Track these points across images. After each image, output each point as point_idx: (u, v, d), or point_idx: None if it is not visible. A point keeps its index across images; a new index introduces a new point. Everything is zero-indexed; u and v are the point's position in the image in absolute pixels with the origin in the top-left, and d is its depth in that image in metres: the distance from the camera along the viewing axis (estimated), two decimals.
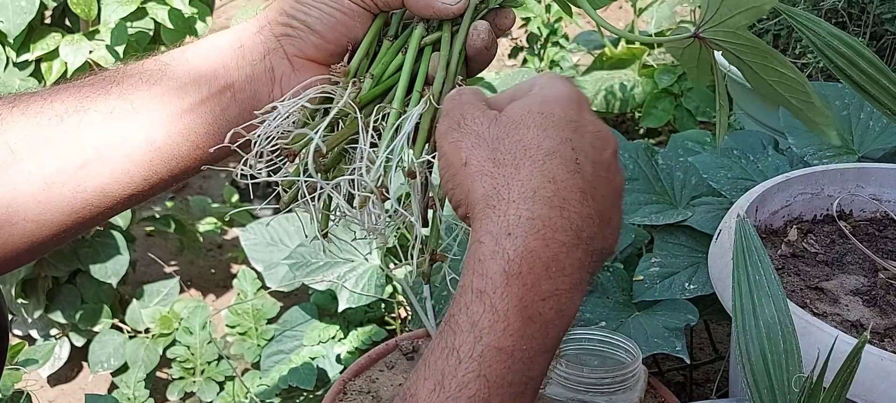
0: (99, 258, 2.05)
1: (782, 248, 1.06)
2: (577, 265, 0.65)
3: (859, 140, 1.32)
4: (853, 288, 0.98)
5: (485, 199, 0.65)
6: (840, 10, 1.71)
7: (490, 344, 0.61)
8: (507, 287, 0.62)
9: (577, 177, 0.66)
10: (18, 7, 1.91)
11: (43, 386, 2.14)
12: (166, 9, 1.98)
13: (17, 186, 0.77)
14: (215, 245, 2.60)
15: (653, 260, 1.23)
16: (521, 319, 0.62)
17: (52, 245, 0.82)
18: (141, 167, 0.80)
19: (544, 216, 0.64)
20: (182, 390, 1.95)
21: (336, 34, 0.81)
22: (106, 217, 0.83)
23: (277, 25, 0.82)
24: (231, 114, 0.82)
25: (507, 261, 0.63)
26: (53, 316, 2.09)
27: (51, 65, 2.00)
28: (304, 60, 0.82)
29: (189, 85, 0.81)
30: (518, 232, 0.63)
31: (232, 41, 0.83)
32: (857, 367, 0.65)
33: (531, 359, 0.63)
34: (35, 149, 0.78)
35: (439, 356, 0.62)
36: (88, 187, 0.79)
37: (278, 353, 1.84)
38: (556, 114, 0.69)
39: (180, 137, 0.81)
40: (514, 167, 0.66)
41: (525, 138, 0.67)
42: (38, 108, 0.79)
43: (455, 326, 0.63)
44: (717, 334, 1.52)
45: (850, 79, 0.86)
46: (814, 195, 1.13)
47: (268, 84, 0.82)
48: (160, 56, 0.83)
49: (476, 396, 0.61)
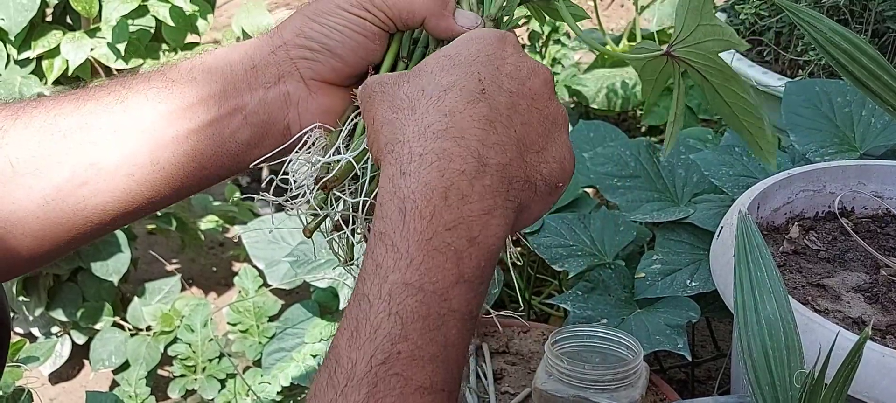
0: (100, 255, 2.05)
1: (784, 245, 1.05)
2: (486, 192, 0.64)
3: (861, 137, 1.32)
4: (855, 285, 0.98)
5: (386, 146, 0.66)
6: (842, 8, 1.71)
7: (396, 282, 0.61)
8: (405, 224, 0.62)
9: (479, 106, 0.66)
10: (20, 4, 1.91)
11: (44, 384, 2.14)
12: (168, 6, 1.99)
13: (17, 201, 0.76)
14: (217, 242, 2.60)
15: (654, 258, 1.23)
16: (425, 251, 0.62)
17: (50, 258, 0.81)
18: (144, 186, 0.78)
19: (437, 149, 0.64)
20: (183, 388, 1.95)
21: (357, 57, 0.80)
22: (105, 232, 0.82)
23: (295, 47, 0.80)
24: (242, 136, 0.80)
25: (402, 199, 0.63)
26: (55, 313, 2.09)
27: (52, 62, 2.00)
28: (320, 83, 0.80)
29: (197, 105, 0.78)
30: (410, 168, 0.64)
31: (244, 59, 0.80)
32: (859, 364, 0.65)
33: (446, 290, 0.62)
34: (37, 164, 0.76)
35: (353, 305, 0.62)
36: (89, 205, 0.77)
37: (280, 351, 1.84)
38: (461, 54, 0.69)
39: (186, 158, 0.79)
40: (410, 110, 0.67)
41: (424, 80, 0.68)
42: (41, 122, 0.77)
43: (363, 273, 0.63)
44: (718, 331, 1.52)
45: (852, 76, 0.86)
46: (815, 192, 1.13)
47: (283, 108, 0.80)
48: (166, 71, 0.80)
49: (391, 333, 0.60)
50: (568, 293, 1.22)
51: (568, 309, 1.19)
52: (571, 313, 1.18)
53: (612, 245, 1.30)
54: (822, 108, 1.35)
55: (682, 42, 0.77)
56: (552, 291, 1.64)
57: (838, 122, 1.34)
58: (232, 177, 0.83)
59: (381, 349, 0.60)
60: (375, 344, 0.60)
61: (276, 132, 0.81)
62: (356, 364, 0.60)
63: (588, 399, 0.93)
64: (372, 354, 0.60)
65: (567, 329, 1.00)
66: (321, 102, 0.80)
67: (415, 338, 0.61)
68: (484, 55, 0.69)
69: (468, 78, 0.67)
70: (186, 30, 2.10)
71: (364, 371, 0.60)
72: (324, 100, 0.80)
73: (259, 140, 0.80)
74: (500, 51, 0.70)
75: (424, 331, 0.61)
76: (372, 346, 0.60)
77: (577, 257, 1.28)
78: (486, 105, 0.66)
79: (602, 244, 1.31)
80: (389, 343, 0.60)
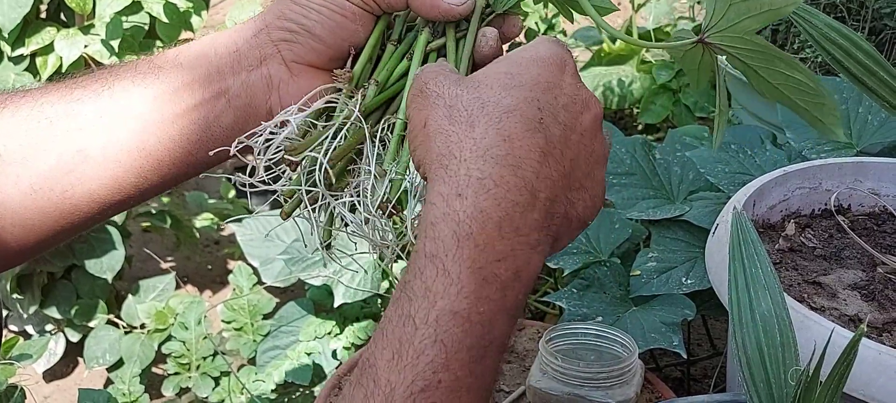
0: (94, 253, 2.04)
1: (780, 243, 1.05)
2: (535, 226, 0.64)
3: (858, 134, 1.32)
4: (851, 282, 0.98)
5: (439, 159, 0.64)
6: (839, 5, 1.70)
7: (444, 308, 0.60)
8: (459, 249, 0.61)
9: (537, 136, 0.65)
10: (14, 1, 1.90)
11: (38, 382, 2.14)
12: (161, 3, 1.98)
13: (5, 190, 0.76)
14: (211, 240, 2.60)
15: (650, 255, 1.22)
16: (476, 281, 0.61)
17: (40, 249, 0.80)
18: (131, 173, 0.78)
19: (495, 175, 0.62)
20: (177, 385, 1.95)
21: (337, 38, 0.79)
22: (95, 221, 0.81)
23: (275, 30, 0.79)
24: (226, 121, 0.79)
25: (457, 223, 0.61)
26: (49, 311, 2.09)
27: (46, 59, 1.99)
28: (302, 66, 0.80)
29: (182, 89, 0.78)
30: (468, 192, 0.62)
31: (228, 44, 0.80)
32: (854, 361, 0.64)
33: (490, 321, 0.61)
34: (24, 152, 0.76)
35: (396, 324, 0.61)
36: (77, 192, 0.77)
37: (274, 349, 1.84)
38: (524, 75, 0.67)
39: (172, 143, 0.78)
40: (468, 125, 0.64)
41: (484, 96, 0.66)
42: (28, 110, 0.77)
43: (410, 292, 0.61)
44: (714, 329, 1.52)
45: (848, 72, 0.85)
46: (812, 189, 1.13)
47: (265, 91, 0.80)
48: (153, 58, 0.80)
49: (434, 361, 0.59)
50: (563, 290, 1.22)
51: (563, 306, 1.19)
52: (566, 310, 1.18)
53: (607, 242, 1.30)
54: None
55: (714, 27, 0.74)
56: (547, 289, 1.64)
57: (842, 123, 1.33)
58: (218, 164, 0.82)
59: (422, 376, 0.59)
60: (417, 371, 0.59)
61: (258, 116, 0.79)
62: (395, 388, 0.59)
63: (583, 396, 0.93)
64: (412, 380, 0.59)
65: (562, 326, 1.00)
66: (302, 85, 0.79)
67: (456, 369, 0.60)
68: (544, 81, 0.67)
69: (528, 104, 0.65)
70: (180, 26, 2.09)
71: (402, 397, 0.59)
72: (305, 83, 0.79)
73: (242, 124, 0.79)
74: (559, 78, 0.69)
75: (466, 362, 0.61)
76: (413, 372, 0.59)
77: (572, 254, 1.28)
78: (542, 136, 0.65)
79: (597, 241, 1.30)
80: (431, 372, 0.59)
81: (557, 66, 0.69)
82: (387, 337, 0.61)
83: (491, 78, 0.67)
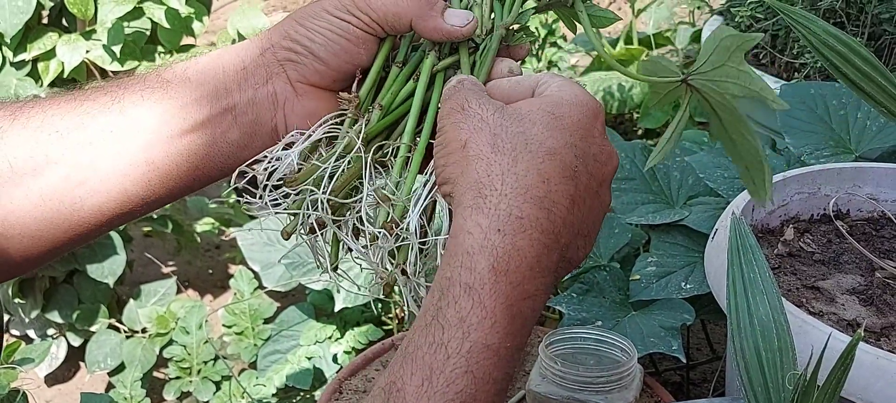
0: (96, 258, 2.04)
1: (779, 248, 1.05)
2: (552, 267, 0.66)
3: (856, 139, 1.32)
4: (850, 287, 0.98)
5: (476, 186, 0.65)
6: (838, 10, 1.71)
7: (478, 341, 0.62)
8: (495, 284, 0.63)
9: (570, 184, 0.67)
10: (15, 7, 1.90)
11: (40, 386, 2.14)
12: (163, 8, 1.98)
13: (15, 201, 0.76)
14: (213, 245, 2.60)
15: (649, 260, 1.23)
16: (508, 317, 0.63)
17: (44, 260, 0.81)
18: (139, 186, 0.79)
19: (533, 216, 0.64)
20: (178, 390, 1.95)
21: (340, 61, 0.80)
22: (101, 233, 0.82)
23: (281, 50, 0.80)
24: (232, 137, 0.80)
25: (495, 258, 0.63)
26: (50, 315, 2.09)
27: (47, 64, 2.00)
28: (307, 86, 0.81)
29: (190, 105, 0.79)
30: (508, 229, 0.64)
31: (235, 61, 0.81)
32: (851, 365, 0.65)
33: (513, 356, 0.64)
34: (34, 164, 0.76)
35: (427, 350, 0.62)
36: (85, 205, 0.78)
37: (275, 353, 1.84)
38: (566, 117, 0.69)
39: (180, 158, 0.79)
40: (512, 158, 0.66)
41: (529, 132, 0.67)
42: (38, 123, 0.77)
43: (443, 321, 0.63)
44: (714, 334, 1.52)
45: (846, 77, 0.86)
46: (810, 194, 1.13)
47: (270, 109, 0.81)
48: (162, 72, 0.81)
49: (463, 392, 0.61)
50: (563, 295, 1.22)
51: (563, 310, 1.19)
52: (566, 315, 1.18)
53: (607, 247, 1.30)
54: (817, 111, 1.35)
55: (702, 74, 0.76)
56: None
57: (833, 125, 1.34)
58: (223, 178, 0.84)
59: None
60: (446, 399, 0.61)
61: (263, 133, 0.81)
62: None
63: (582, 401, 0.93)
64: None
65: (561, 331, 1.00)
66: (307, 105, 0.81)
67: (482, 399, 0.62)
68: (583, 127, 0.69)
69: (567, 149, 0.67)
70: (182, 32, 2.09)
71: None
72: (310, 103, 0.81)
73: (248, 141, 0.81)
74: (594, 127, 0.70)
75: (492, 394, 0.63)
76: (443, 400, 0.61)
77: None
78: (574, 184, 0.67)
79: (597, 246, 1.31)
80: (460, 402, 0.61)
81: (594, 114, 0.71)
82: (416, 363, 0.62)
83: (535, 114, 0.68)
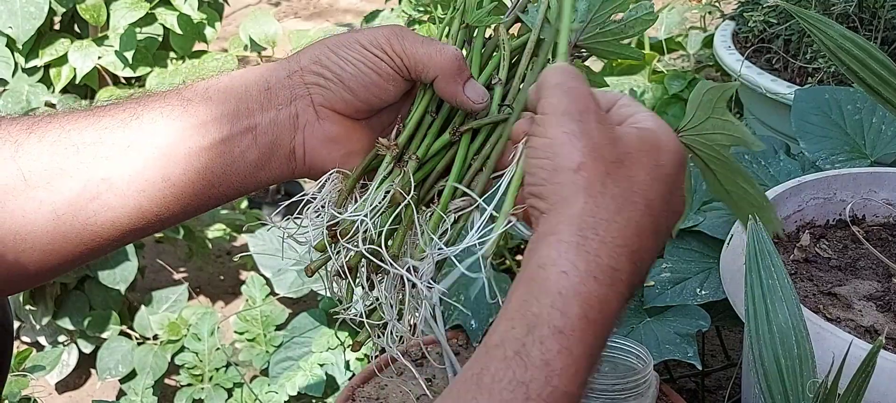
0: (107, 264, 2.04)
1: (795, 253, 1.05)
2: None
3: (872, 144, 1.31)
4: (867, 293, 0.97)
5: (579, 222, 0.64)
6: (851, 15, 1.70)
7: (559, 387, 0.61)
8: (585, 332, 0.62)
9: (656, 240, 0.66)
10: (28, 13, 1.91)
11: (51, 393, 2.14)
12: (175, 14, 1.99)
13: (28, 214, 0.76)
14: (224, 251, 2.60)
15: (664, 266, 1.22)
16: (588, 366, 0.62)
17: (57, 273, 0.81)
18: (154, 203, 0.79)
19: (624, 271, 0.64)
20: (190, 397, 1.95)
21: (369, 94, 0.80)
22: (113, 248, 0.82)
23: (309, 73, 0.80)
24: (250, 157, 0.80)
25: (589, 306, 0.62)
26: (61, 322, 2.09)
27: (59, 70, 2.00)
28: (329, 111, 0.81)
29: (210, 123, 0.79)
30: (603, 278, 0.62)
31: (259, 81, 0.81)
32: (873, 373, 0.64)
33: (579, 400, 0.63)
34: (49, 178, 0.76)
35: (506, 386, 0.61)
36: (99, 220, 0.77)
37: (287, 360, 1.83)
38: (666, 167, 0.67)
39: (197, 176, 0.79)
40: (618, 205, 0.64)
41: (634, 178, 0.66)
42: (55, 136, 0.77)
43: (527, 358, 0.61)
44: (729, 340, 1.51)
45: (863, 82, 0.85)
46: (826, 200, 1.12)
47: (291, 131, 0.81)
48: (183, 90, 0.81)
49: None
50: None
51: None
52: None
53: None
54: (831, 116, 1.35)
55: (691, 130, 0.76)
56: None
57: (848, 130, 1.33)
58: (238, 197, 0.84)
59: None
60: None
61: (281, 154, 0.81)
62: None
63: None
64: None
65: None
66: (328, 130, 0.81)
67: None
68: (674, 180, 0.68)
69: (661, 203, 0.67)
70: (194, 38, 2.10)
71: None
72: (330, 128, 0.81)
73: (265, 162, 0.81)
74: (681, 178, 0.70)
75: None
76: None
77: None
78: (659, 241, 0.67)
79: None
80: None
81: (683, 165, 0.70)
82: (494, 396, 0.61)
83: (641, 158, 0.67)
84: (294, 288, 1.86)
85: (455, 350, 1.28)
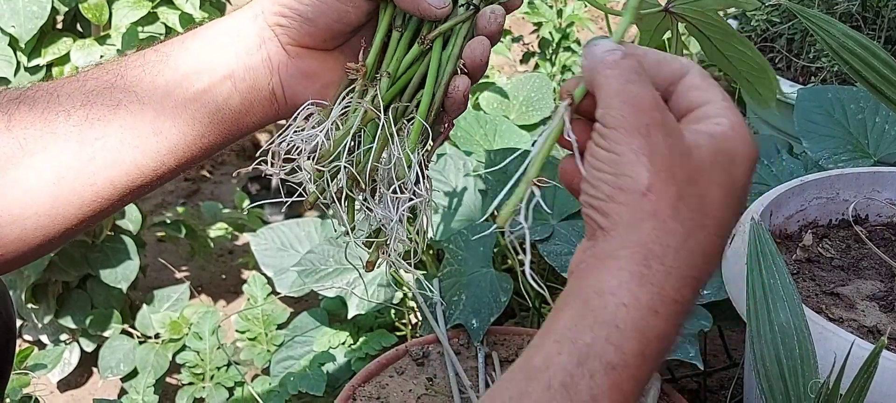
0: (109, 263, 2.04)
1: (797, 253, 1.04)
2: None
3: (875, 144, 1.31)
4: (869, 293, 0.97)
5: (645, 250, 0.59)
6: (854, 14, 1.69)
7: None
8: (638, 368, 0.58)
9: (713, 262, 0.62)
10: (30, 12, 1.91)
11: (53, 392, 2.14)
12: (177, 13, 1.98)
13: (29, 180, 0.78)
14: (226, 250, 2.60)
15: None
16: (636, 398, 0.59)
17: (65, 238, 0.82)
18: (149, 157, 0.81)
19: (687, 299, 0.60)
20: (191, 395, 1.94)
21: (329, 20, 0.81)
22: (116, 208, 0.84)
23: (270, 15, 0.82)
24: (233, 103, 0.82)
25: (646, 342, 0.58)
26: (63, 321, 2.09)
27: (62, 69, 2.00)
28: (299, 48, 0.82)
29: (191, 74, 0.81)
30: (664, 312, 0.58)
31: (230, 29, 0.83)
32: (875, 373, 0.64)
33: None
34: (45, 143, 0.78)
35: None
36: (98, 180, 0.79)
37: (288, 359, 1.83)
38: (739, 180, 0.62)
39: (186, 126, 0.81)
40: (687, 231, 0.59)
41: (706, 197, 0.60)
42: (44, 103, 0.79)
43: (574, 392, 0.57)
44: (731, 340, 1.51)
45: (866, 81, 0.85)
46: (829, 199, 1.12)
47: (266, 73, 0.82)
48: (161, 46, 0.83)
49: None
50: None
51: None
52: None
53: None
54: (834, 115, 1.34)
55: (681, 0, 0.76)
56: None
57: (851, 129, 1.33)
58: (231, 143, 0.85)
59: None
60: None
61: (262, 98, 0.82)
62: None
63: None
64: None
65: None
66: (301, 65, 0.82)
67: None
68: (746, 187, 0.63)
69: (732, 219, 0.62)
70: None
71: None
72: (303, 64, 0.82)
73: (248, 107, 0.82)
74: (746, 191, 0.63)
75: None
76: None
77: None
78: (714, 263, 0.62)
79: None
80: None
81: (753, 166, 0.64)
82: None
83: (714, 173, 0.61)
84: (295, 288, 1.85)
85: (456, 349, 1.28)
